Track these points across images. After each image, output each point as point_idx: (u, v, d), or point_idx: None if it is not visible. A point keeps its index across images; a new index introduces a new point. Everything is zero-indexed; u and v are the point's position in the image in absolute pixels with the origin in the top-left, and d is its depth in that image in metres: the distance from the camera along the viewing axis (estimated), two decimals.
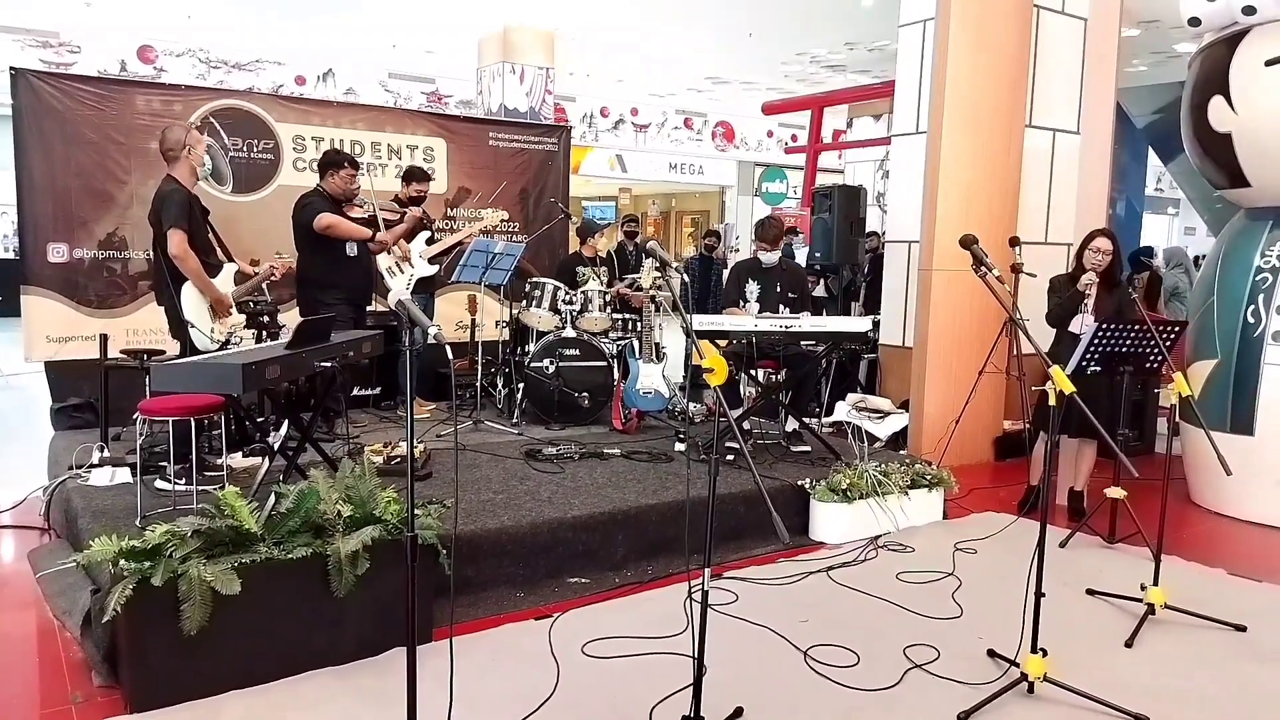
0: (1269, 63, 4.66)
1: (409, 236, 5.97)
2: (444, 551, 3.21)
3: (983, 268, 3.19)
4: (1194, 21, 4.90)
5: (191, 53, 13.51)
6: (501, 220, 6.47)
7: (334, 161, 5.34)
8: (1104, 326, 4.27)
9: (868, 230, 8.26)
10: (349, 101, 8.19)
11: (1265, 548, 4.79)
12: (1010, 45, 6.22)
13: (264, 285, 5.42)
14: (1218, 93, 4.94)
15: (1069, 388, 2.82)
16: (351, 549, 3.00)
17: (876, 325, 7.47)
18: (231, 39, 13.17)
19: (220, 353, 3.43)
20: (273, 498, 3.27)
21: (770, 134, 20.48)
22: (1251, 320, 4.95)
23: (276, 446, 3.74)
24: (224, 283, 4.48)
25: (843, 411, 6.73)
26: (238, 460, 4.58)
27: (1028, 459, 5.70)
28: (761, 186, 20.32)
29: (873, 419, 6.72)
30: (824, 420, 6.57)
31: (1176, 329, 4.43)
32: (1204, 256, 15.01)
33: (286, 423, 3.76)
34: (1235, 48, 4.84)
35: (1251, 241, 5.06)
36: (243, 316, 4.60)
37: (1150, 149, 10.79)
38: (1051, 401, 2.92)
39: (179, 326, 4.27)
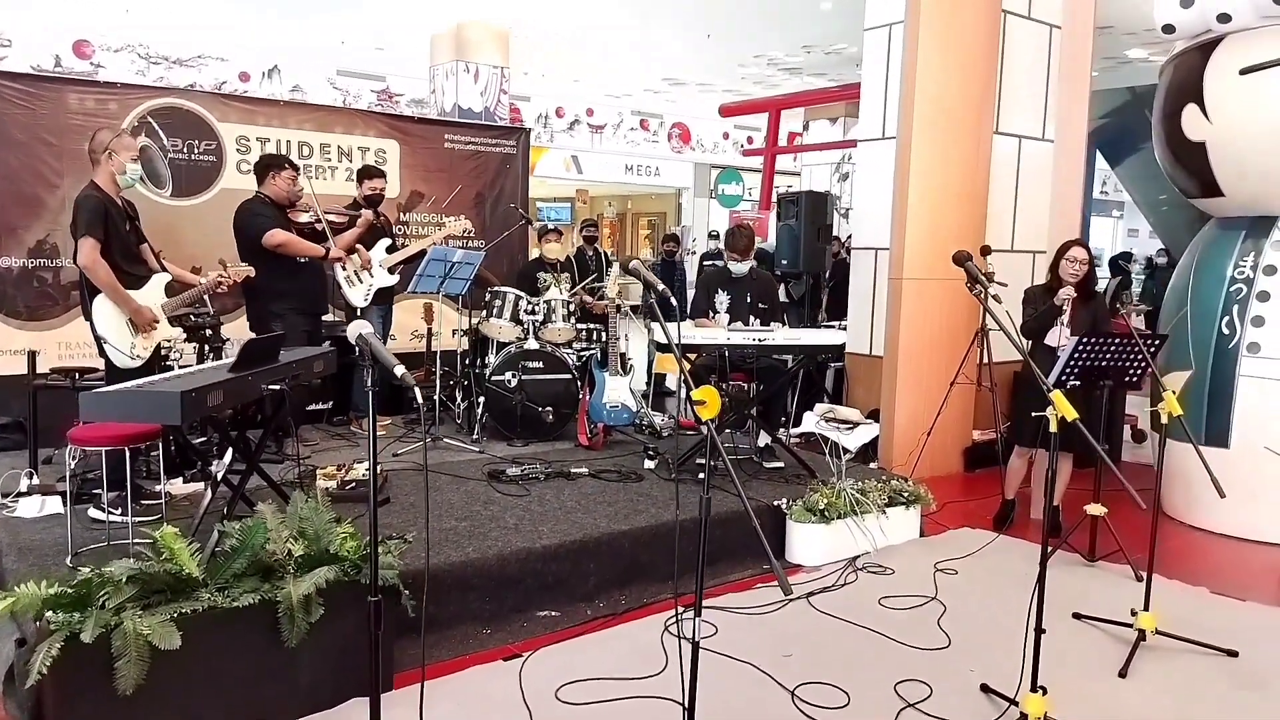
0: (1244, 71, 4.61)
1: (368, 244, 5.69)
2: (406, 592, 2.98)
3: (978, 286, 3.03)
4: (1168, 29, 4.83)
5: (130, 48, 12.96)
6: (465, 231, 6.20)
7: (273, 163, 5.06)
8: (1084, 341, 4.17)
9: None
10: (296, 100, 7.84)
11: (1242, 563, 4.74)
12: (979, 50, 6.14)
13: (205, 296, 5.13)
14: (1191, 101, 4.88)
15: (1072, 414, 2.68)
16: (304, 593, 2.76)
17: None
18: (172, 34, 12.66)
19: (157, 378, 3.15)
20: (215, 534, 3.01)
21: (726, 136, 20.40)
22: (1226, 331, 4.90)
23: (219, 476, 3.46)
24: (151, 294, 4.16)
25: (811, 422, 6.58)
26: (177, 487, 4.29)
27: (1000, 471, 5.63)
28: (718, 188, 20.25)
29: (842, 430, 6.59)
30: (792, 431, 6.43)
31: (1156, 342, 4.34)
32: (1156, 258, 15.22)
33: (230, 450, 3.48)
34: (1209, 55, 4.78)
35: (1224, 252, 5.01)
36: (176, 330, 4.30)
37: (1099, 152, 10.87)
38: (1053, 428, 2.78)
39: (97, 343, 4.00)
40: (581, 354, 6.22)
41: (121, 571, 2.66)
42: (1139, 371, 4.34)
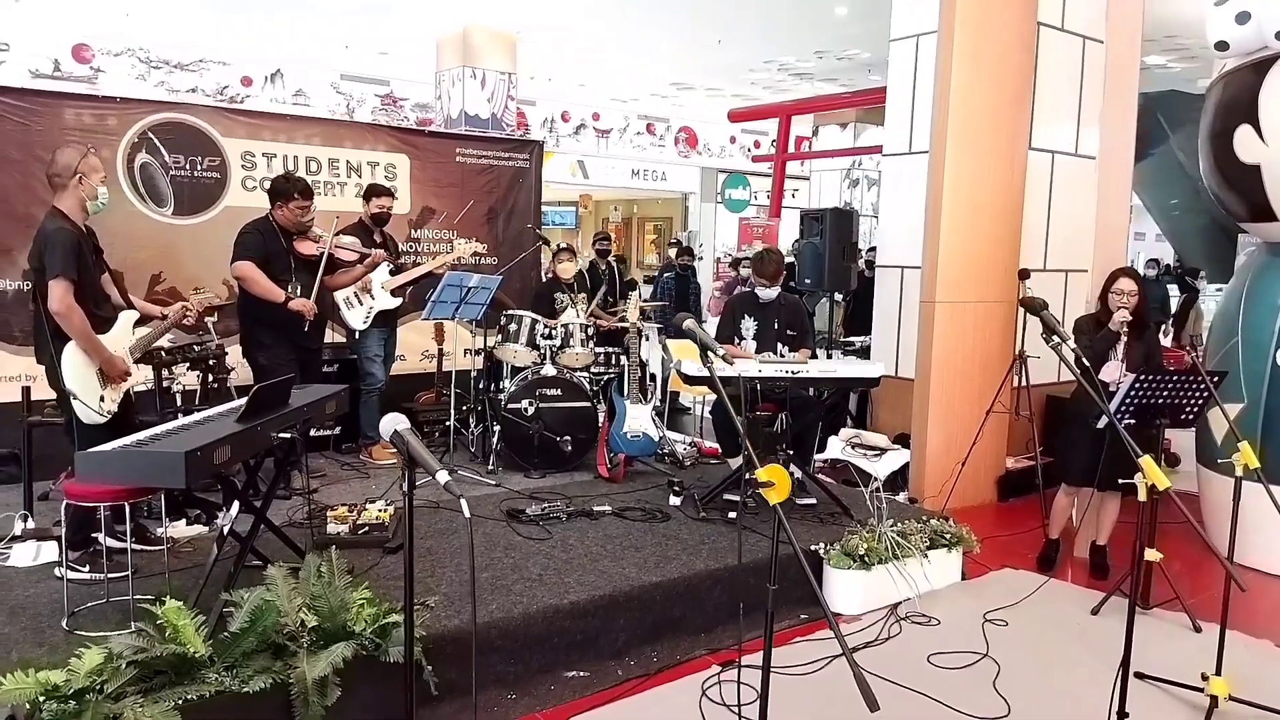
0: None
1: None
2: (429, 667, 2.74)
3: (1055, 337, 2.79)
4: (1221, 45, 4.60)
5: (131, 52, 12.71)
6: (474, 254, 5.95)
7: (282, 191, 4.75)
8: (1141, 378, 3.94)
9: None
10: (303, 115, 7.61)
11: None
12: (1013, 63, 5.90)
13: (209, 324, 4.90)
14: (1245, 121, 4.64)
15: (1164, 483, 2.44)
16: (319, 675, 2.52)
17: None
18: (174, 38, 12.41)
19: (160, 430, 2.90)
20: (221, 603, 2.78)
21: (733, 140, 20.15)
22: None
23: (226, 530, 3.22)
24: (120, 336, 3.73)
25: (837, 448, 6.35)
26: (179, 529, 4.05)
27: (1040, 503, 5.40)
28: (724, 193, 20.02)
29: (869, 456, 6.36)
30: (816, 457, 6.19)
31: (1215, 379, 4.11)
32: (1174, 264, 14.96)
33: (237, 503, 3.24)
34: (1265, 74, 4.54)
35: (1277, 279, 4.77)
36: (144, 372, 3.97)
37: None
38: (1142, 496, 2.54)
39: (62, 395, 3.54)
40: (599, 378, 5.98)
41: (123, 651, 2.43)
42: (1196, 409, 4.11)
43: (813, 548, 4.19)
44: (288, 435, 3.15)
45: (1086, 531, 4.88)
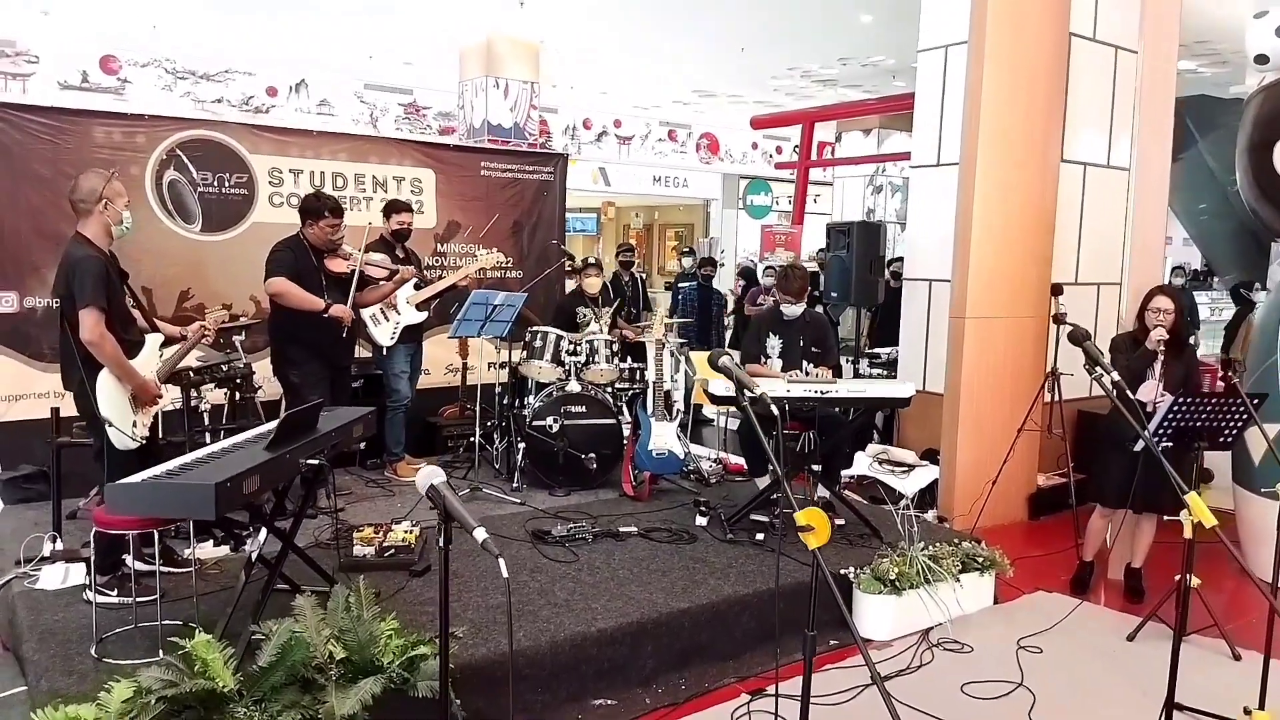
0: None
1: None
2: (457, 701, 2.71)
3: (1098, 369, 2.73)
4: (1261, 59, 4.52)
5: (157, 63, 12.84)
6: (497, 264, 5.94)
7: (313, 209, 4.76)
8: (1180, 401, 3.85)
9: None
10: (330, 131, 7.62)
11: None
12: (1045, 73, 5.81)
13: (237, 343, 4.92)
14: None
15: (1211, 521, 2.37)
16: (348, 712, 2.50)
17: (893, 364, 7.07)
18: (200, 49, 12.52)
19: (190, 459, 2.89)
20: (249, 635, 2.76)
21: (755, 146, 20.09)
22: None
23: (254, 557, 3.20)
24: (148, 361, 3.73)
25: (864, 465, 6.27)
26: (207, 550, 4.05)
27: (1072, 521, 5.30)
28: (746, 199, 19.97)
29: (897, 473, 6.28)
30: (843, 473, 6.12)
31: (1256, 401, 4.01)
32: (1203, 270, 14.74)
33: (264, 530, 3.23)
34: None
35: None
36: (171, 392, 3.97)
37: None
38: (1187, 533, 2.47)
39: (92, 421, 3.53)
40: (624, 393, 5.95)
41: (151, 686, 2.42)
42: (1235, 431, 4.02)
43: (842, 572, 4.13)
44: (316, 462, 3.13)
45: (1121, 553, 4.79)
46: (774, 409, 2.44)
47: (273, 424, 3.29)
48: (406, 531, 4.12)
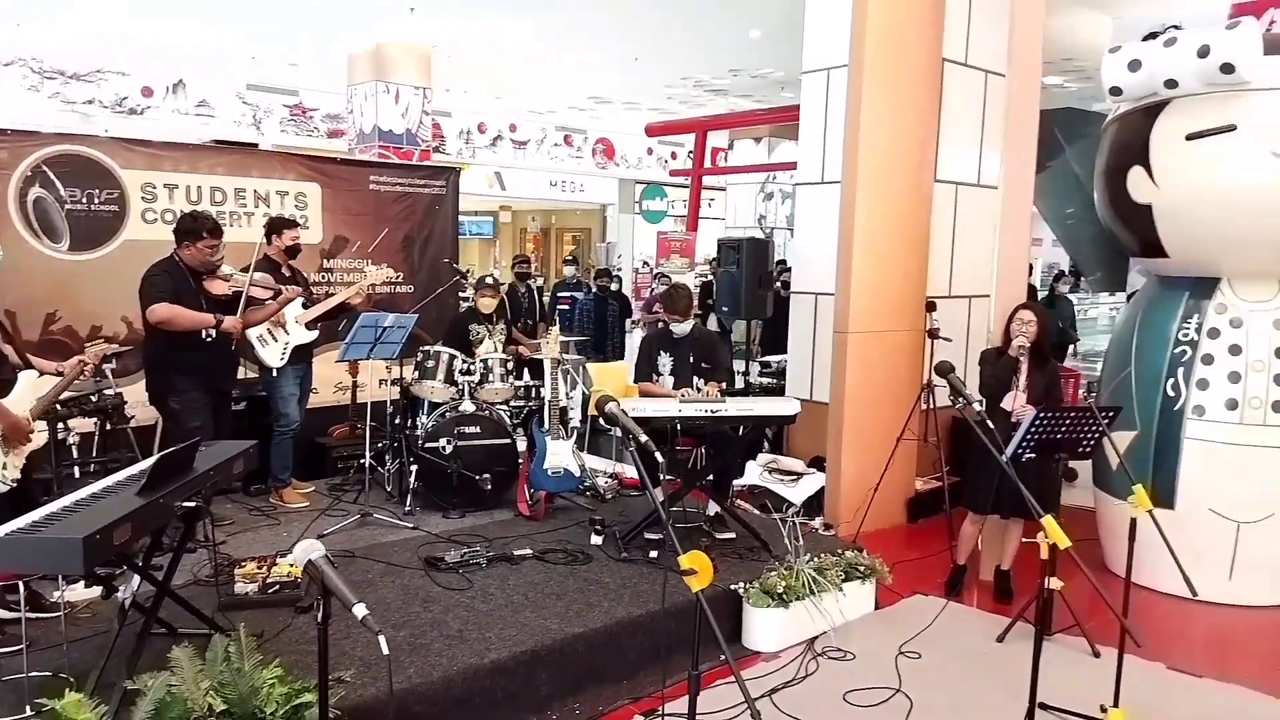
0: (1190, 137, 4.61)
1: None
2: None
3: (961, 399, 2.89)
4: (1115, 91, 4.82)
5: (23, 62, 12.11)
6: (387, 279, 5.85)
7: (189, 230, 4.59)
8: (1040, 416, 4.10)
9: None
10: (208, 144, 7.36)
11: (1189, 629, 4.74)
12: (921, 97, 6.08)
13: (107, 370, 4.71)
14: (1137, 163, 4.88)
15: (1065, 543, 2.56)
16: None
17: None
18: (70, 47, 11.86)
19: (58, 508, 2.76)
20: (121, 689, 2.67)
21: (650, 151, 20.28)
22: (1171, 394, 4.91)
23: (127, 604, 3.09)
24: (21, 399, 3.54)
25: (754, 474, 6.46)
26: (77, 593, 3.87)
27: (947, 526, 5.55)
28: (642, 204, 20.16)
29: (786, 482, 6.48)
30: (735, 483, 6.27)
31: (1110, 415, 4.30)
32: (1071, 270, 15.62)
33: (137, 577, 3.11)
34: (1154, 118, 4.79)
35: (1169, 312, 5.03)
36: (42, 436, 3.79)
37: None
38: (1044, 554, 2.65)
39: None
40: (519, 411, 5.95)
41: None
42: (1093, 442, 4.30)
43: (732, 587, 4.24)
44: (193, 504, 3.04)
45: (990, 556, 5.06)
46: (659, 456, 2.49)
47: (147, 463, 3.18)
48: (292, 565, 4.02)
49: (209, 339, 4.64)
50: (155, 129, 11.92)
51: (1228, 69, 4.39)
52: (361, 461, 5.60)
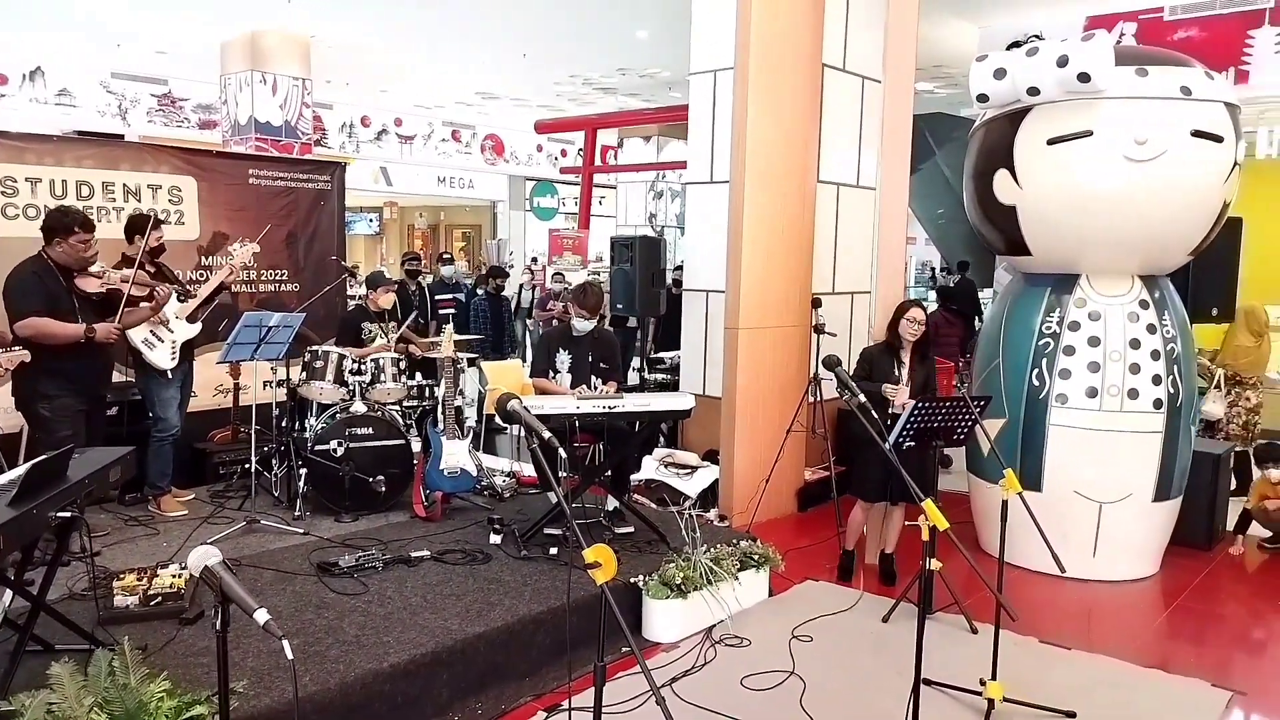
0: (1051, 141, 4.92)
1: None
2: None
3: (848, 391, 3.02)
4: (982, 98, 5.09)
5: None
6: (253, 255, 5.65)
7: (59, 226, 4.35)
8: (918, 406, 4.31)
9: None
10: (74, 135, 6.96)
11: (1059, 602, 5.05)
12: (803, 101, 6.28)
13: None
14: (1002, 166, 5.17)
15: (944, 524, 2.71)
16: None
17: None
18: None
19: None
20: None
21: (540, 148, 20.20)
22: (1036, 383, 5.23)
23: None
24: None
25: (651, 468, 6.56)
26: None
27: (835, 511, 5.75)
28: (533, 201, 20.03)
29: (681, 475, 6.60)
30: (633, 477, 6.35)
31: (981, 404, 4.56)
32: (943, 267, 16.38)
33: (9, 592, 2.95)
34: (1018, 124, 5.08)
35: (1033, 306, 5.35)
36: None
37: None
38: (925, 536, 2.80)
39: None
40: (412, 411, 5.86)
41: None
42: (965, 430, 4.55)
43: (632, 580, 4.30)
44: (68, 514, 2.90)
45: (875, 540, 5.28)
46: (562, 452, 2.52)
47: (16, 472, 3.01)
48: (175, 575, 3.86)
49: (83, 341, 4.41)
50: (11, 119, 11.15)
51: (1084, 78, 4.70)
52: (246, 466, 5.40)
